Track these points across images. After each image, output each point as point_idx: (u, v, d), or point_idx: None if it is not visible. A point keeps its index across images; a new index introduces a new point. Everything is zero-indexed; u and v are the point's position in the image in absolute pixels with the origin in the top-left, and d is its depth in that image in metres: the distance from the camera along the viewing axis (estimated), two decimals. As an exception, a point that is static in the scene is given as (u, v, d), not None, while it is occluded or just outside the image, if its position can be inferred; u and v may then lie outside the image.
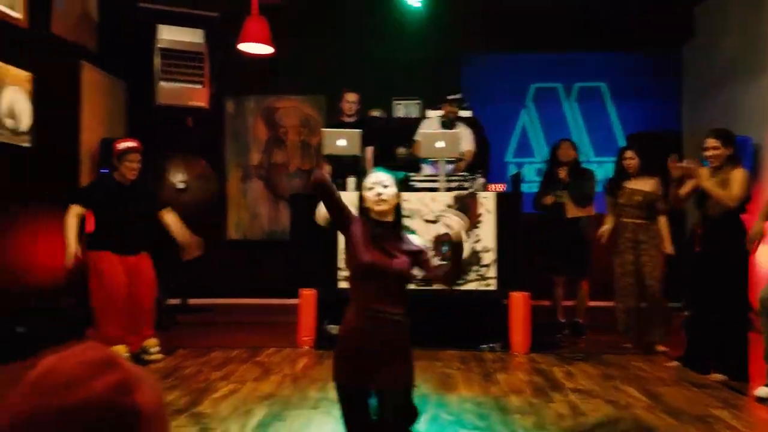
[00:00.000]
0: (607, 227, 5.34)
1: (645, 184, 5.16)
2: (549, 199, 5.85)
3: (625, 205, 5.18)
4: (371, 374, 2.39)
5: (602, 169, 7.71)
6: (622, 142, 7.50)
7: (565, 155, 5.84)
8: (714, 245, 4.38)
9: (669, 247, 5.07)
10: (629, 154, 5.28)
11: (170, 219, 4.96)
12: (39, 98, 5.47)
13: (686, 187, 4.55)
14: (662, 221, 5.13)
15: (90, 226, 4.88)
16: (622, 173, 5.29)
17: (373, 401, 2.46)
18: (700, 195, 4.47)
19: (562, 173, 5.79)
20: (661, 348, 5.04)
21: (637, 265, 5.12)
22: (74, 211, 4.61)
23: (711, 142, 4.37)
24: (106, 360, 0.75)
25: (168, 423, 0.79)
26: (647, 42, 7.62)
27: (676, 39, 7.70)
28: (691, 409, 3.64)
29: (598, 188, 6.03)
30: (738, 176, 4.26)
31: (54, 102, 5.79)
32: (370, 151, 6.38)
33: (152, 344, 4.83)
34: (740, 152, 5.82)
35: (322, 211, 2.66)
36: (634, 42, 7.62)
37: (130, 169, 4.69)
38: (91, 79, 6.53)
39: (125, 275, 4.64)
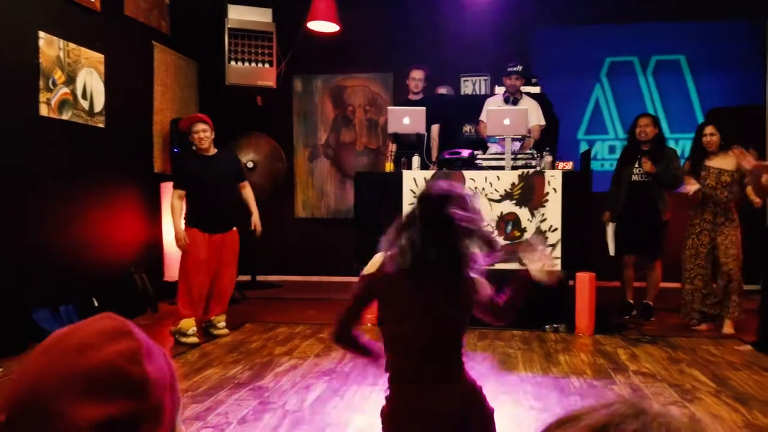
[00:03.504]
0: (694, 187, 5.04)
1: (728, 162, 4.94)
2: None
3: (711, 186, 4.97)
4: None
5: (678, 147, 7.40)
6: (701, 118, 7.15)
7: (644, 133, 5.55)
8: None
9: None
10: (710, 129, 5.05)
11: (246, 193, 5.12)
12: (112, 79, 5.69)
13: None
14: (749, 190, 4.87)
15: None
16: (700, 151, 5.07)
17: None
18: None
19: (647, 165, 5.42)
20: (730, 330, 4.86)
21: (713, 246, 4.98)
22: (178, 194, 4.81)
23: None
24: (121, 329, 0.77)
25: (178, 396, 0.80)
26: (729, 10, 7.18)
27: (762, 8, 7.21)
28: (761, 395, 3.48)
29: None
30: None
31: (127, 83, 6.01)
32: (436, 129, 6.33)
33: (220, 319, 5.00)
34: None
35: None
36: (715, 11, 7.20)
37: (199, 139, 4.82)
38: (164, 60, 6.73)
39: (208, 255, 4.80)
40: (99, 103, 5.54)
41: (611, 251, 5.62)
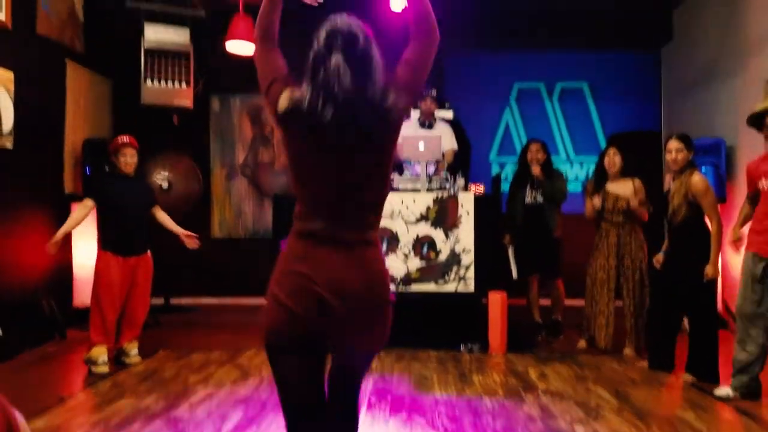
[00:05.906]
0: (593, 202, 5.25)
1: (626, 188, 5.10)
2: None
3: (609, 210, 5.15)
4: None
5: (583, 169, 7.83)
6: (602, 142, 7.60)
7: (534, 158, 5.87)
8: (680, 248, 4.43)
9: None
10: (611, 151, 5.22)
11: (162, 216, 5.06)
12: (22, 98, 5.46)
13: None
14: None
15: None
16: (602, 173, 5.24)
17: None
18: (664, 201, 4.55)
19: (536, 170, 5.79)
20: (629, 352, 5.08)
21: (619, 268, 5.13)
22: (85, 203, 4.72)
23: (676, 144, 4.43)
24: None
25: None
26: (627, 42, 7.73)
27: (656, 41, 7.79)
28: (658, 411, 3.74)
29: (571, 189, 6.10)
30: (702, 190, 4.28)
31: (38, 101, 5.79)
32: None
33: (132, 347, 4.87)
34: (714, 154, 5.96)
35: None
36: (614, 42, 7.71)
37: (125, 163, 4.78)
38: (76, 78, 6.54)
39: (121, 279, 4.70)
40: (8, 124, 5.30)
41: (514, 274, 5.87)
